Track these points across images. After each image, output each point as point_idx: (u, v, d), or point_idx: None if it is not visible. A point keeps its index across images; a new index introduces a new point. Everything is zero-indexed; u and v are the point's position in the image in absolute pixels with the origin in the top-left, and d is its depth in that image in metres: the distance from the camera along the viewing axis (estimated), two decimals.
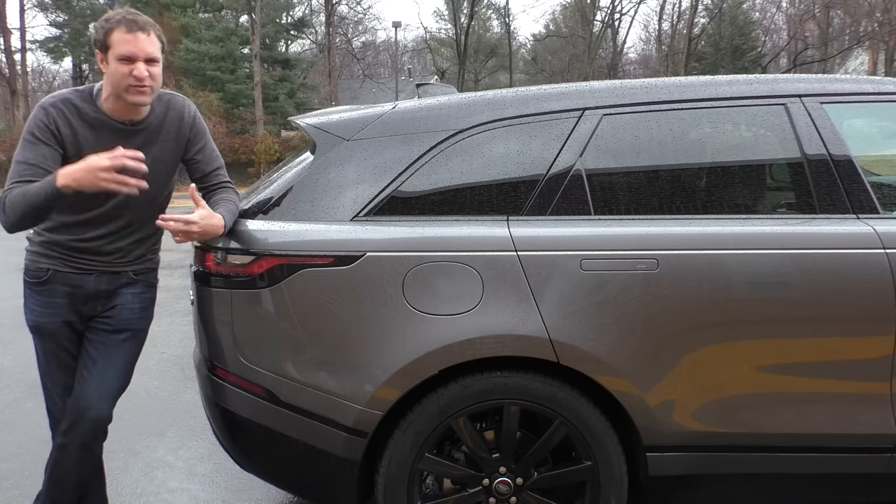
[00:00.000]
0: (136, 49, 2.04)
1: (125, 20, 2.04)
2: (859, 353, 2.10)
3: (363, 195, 2.17)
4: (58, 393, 2.29)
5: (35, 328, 2.26)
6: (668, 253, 2.07)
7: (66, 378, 2.27)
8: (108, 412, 2.24)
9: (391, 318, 2.05)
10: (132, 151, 1.98)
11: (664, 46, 42.66)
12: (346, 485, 2.14)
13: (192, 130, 2.28)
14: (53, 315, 2.22)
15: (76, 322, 2.25)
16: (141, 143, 2.17)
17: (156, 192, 2.23)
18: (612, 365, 2.06)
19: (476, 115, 2.25)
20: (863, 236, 2.11)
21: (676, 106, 2.25)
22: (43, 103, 2.12)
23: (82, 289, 2.22)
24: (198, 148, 2.30)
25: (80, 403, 2.21)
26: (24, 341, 5.22)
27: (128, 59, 2.04)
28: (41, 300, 2.23)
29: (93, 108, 2.13)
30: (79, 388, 2.23)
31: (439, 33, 49.54)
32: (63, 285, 2.21)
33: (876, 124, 2.61)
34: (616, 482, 2.14)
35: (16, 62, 31.01)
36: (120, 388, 2.28)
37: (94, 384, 2.22)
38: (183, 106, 2.29)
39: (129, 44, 2.03)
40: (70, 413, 2.23)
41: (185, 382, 4.18)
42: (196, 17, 30.87)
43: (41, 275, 2.22)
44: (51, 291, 2.22)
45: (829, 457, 2.14)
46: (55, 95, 2.15)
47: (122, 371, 2.28)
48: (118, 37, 2.04)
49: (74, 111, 2.11)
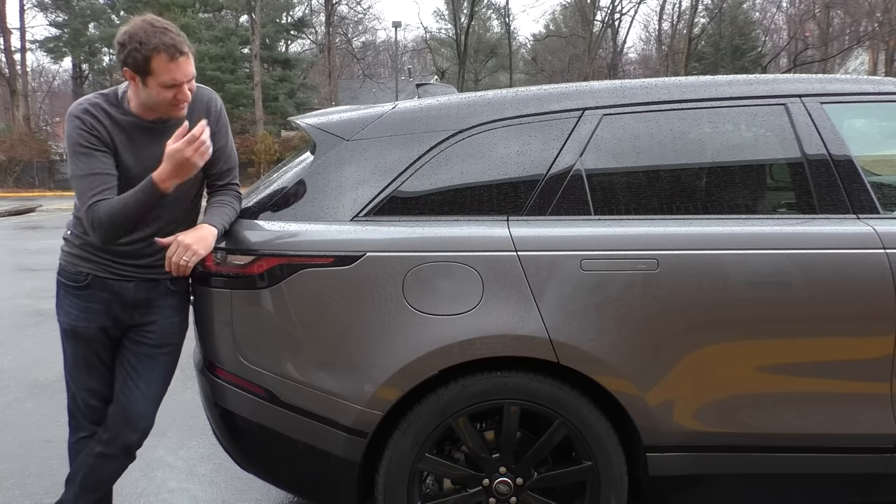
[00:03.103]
0: (181, 75, 2.02)
1: (165, 46, 1.98)
2: (859, 354, 2.10)
3: (363, 195, 2.17)
4: (82, 396, 2.29)
5: (71, 331, 2.23)
6: (669, 253, 2.07)
7: (92, 382, 2.27)
8: (153, 421, 2.30)
9: (391, 319, 2.05)
10: (198, 126, 2.01)
11: (664, 46, 42.68)
12: (347, 485, 2.14)
13: (217, 124, 2.25)
14: (90, 320, 2.20)
15: (111, 328, 2.23)
16: (169, 140, 2.13)
17: (189, 187, 2.21)
18: (612, 365, 2.06)
19: (476, 115, 2.24)
20: (863, 236, 2.11)
21: (676, 106, 2.25)
22: (74, 112, 2.08)
23: (121, 296, 2.20)
24: (220, 144, 2.25)
25: (129, 414, 2.23)
26: (24, 341, 5.25)
27: (173, 86, 2.03)
28: (79, 304, 2.20)
29: (120, 111, 2.12)
30: (125, 399, 2.24)
31: (439, 33, 49.62)
32: (103, 291, 2.19)
33: (876, 124, 2.61)
34: (616, 482, 2.14)
35: (16, 62, 31.06)
36: (162, 396, 2.33)
37: (142, 396, 2.24)
38: (210, 99, 2.26)
39: (174, 72, 2.00)
40: (114, 423, 2.24)
41: (185, 382, 4.18)
42: (196, 17, 30.89)
43: (80, 279, 2.19)
44: (90, 296, 2.20)
45: (829, 457, 2.14)
46: (83, 101, 2.13)
47: (165, 381, 2.32)
48: (161, 65, 1.99)
49: (105, 114, 2.10)
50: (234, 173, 2.32)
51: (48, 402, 3.92)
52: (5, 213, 16.94)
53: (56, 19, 36.52)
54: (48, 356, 4.77)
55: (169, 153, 2.00)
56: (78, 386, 2.28)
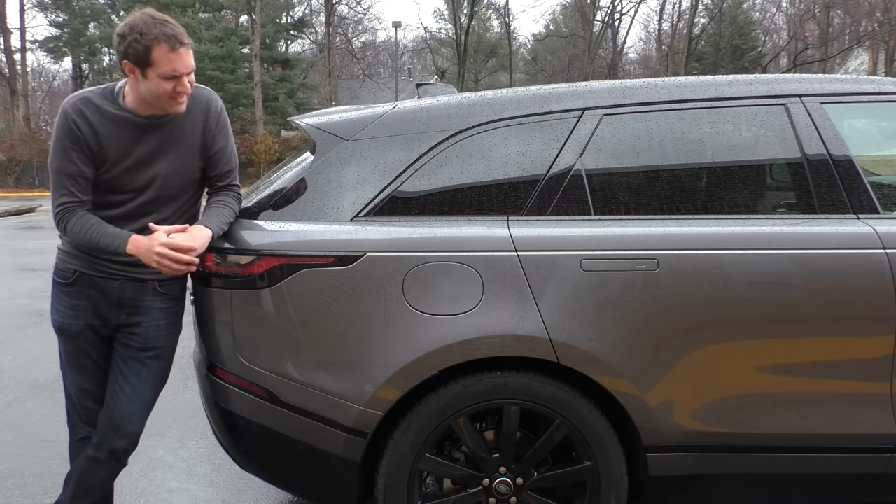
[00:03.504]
0: (182, 66, 2.02)
1: (166, 36, 1.99)
2: (859, 354, 2.10)
3: (363, 195, 2.16)
4: (76, 396, 2.28)
5: (59, 328, 2.24)
6: (669, 253, 2.07)
7: (85, 382, 2.27)
8: (141, 427, 2.26)
9: (391, 319, 2.05)
10: (179, 239, 2.04)
11: (664, 46, 42.67)
12: (347, 485, 2.14)
13: (217, 125, 2.24)
14: (77, 317, 2.20)
15: (99, 326, 2.22)
16: (165, 136, 2.15)
17: (183, 187, 2.22)
18: (612, 365, 2.06)
19: (476, 115, 2.24)
20: (863, 236, 2.11)
21: (676, 106, 2.25)
22: (64, 105, 2.11)
23: (107, 294, 2.20)
24: (220, 146, 2.25)
25: (115, 418, 2.22)
26: (24, 341, 5.25)
27: (173, 77, 2.03)
28: (67, 301, 2.21)
29: (114, 105, 2.12)
30: (112, 403, 2.23)
31: (439, 33, 49.59)
32: (88, 288, 2.19)
33: (876, 124, 2.61)
34: (616, 482, 2.14)
35: (16, 62, 31.05)
36: (152, 401, 2.29)
37: (127, 400, 2.22)
38: (209, 99, 2.24)
39: (174, 62, 2.01)
40: (103, 426, 2.23)
41: (185, 382, 4.18)
42: (196, 17, 30.86)
43: (69, 276, 2.20)
44: (77, 294, 2.20)
45: (829, 457, 2.14)
46: (75, 96, 2.14)
47: (154, 386, 2.28)
48: (162, 56, 1.99)
49: (94, 109, 2.10)
50: (234, 174, 2.31)
51: (48, 402, 3.92)
52: (5, 213, 16.94)
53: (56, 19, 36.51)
54: (48, 356, 4.76)
55: (148, 247, 2.03)
56: (72, 386, 2.28)
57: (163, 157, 2.16)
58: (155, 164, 2.15)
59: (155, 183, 2.16)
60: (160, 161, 2.15)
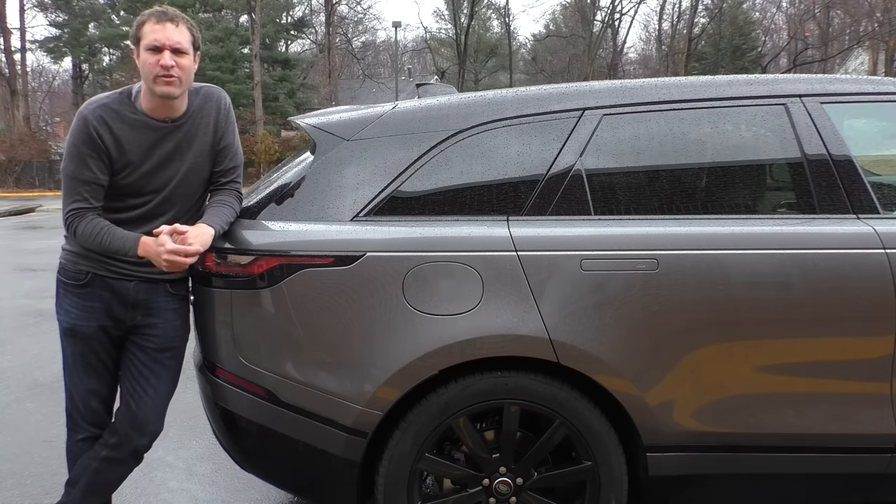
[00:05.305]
0: (164, 38, 2.06)
1: (156, 12, 2.09)
2: (859, 353, 2.10)
3: (363, 195, 2.16)
4: (81, 397, 2.28)
5: (70, 330, 2.23)
6: (669, 253, 2.07)
7: (92, 382, 2.27)
8: (162, 425, 2.31)
9: (391, 319, 2.05)
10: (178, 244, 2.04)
11: (664, 46, 42.67)
12: (346, 485, 2.14)
13: (227, 122, 2.28)
14: (90, 319, 2.20)
15: (111, 327, 2.23)
16: (182, 138, 2.18)
17: (197, 186, 2.24)
18: (612, 365, 2.06)
19: (476, 115, 2.24)
20: (863, 236, 2.11)
21: (676, 106, 2.25)
22: (83, 112, 2.12)
23: (121, 295, 2.20)
24: (227, 142, 2.27)
25: (139, 419, 2.24)
26: (24, 341, 5.25)
27: (155, 49, 2.06)
28: (78, 303, 2.20)
29: (131, 110, 2.14)
30: (134, 405, 2.24)
31: (439, 33, 49.62)
32: (103, 290, 2.19)
33: (876, 124, 2.61)
34: (616, 482, 2.14)
35: (16, 62, 31.06)
36: (170, 399, 2.33)
37: (150, 401, 2.25)
38: (220, 97, 2.29)
39: (156, 33, 2.06)
40: (123, 427, 2.25)
41: (185, 382, 4.15)
42: (196, 16, 30.86)
43: (81, 277, 2.20)
44: (90, 295, 2.20)
45: (829, 457, 2.14)
46: (94, 102, 2.15)
47: (172, 385, 2.33)
48: (148, 28, 2.08)
49: (114, 115, 2.12)
50: (238, 171, 2.33)
51: (48, 402, 3.92)
52: (5, 213, 16.94)
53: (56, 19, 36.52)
54: (48, 356, 4.77)
55: (157, 251, 2.05)
56: (77, 387, 2.27)
57: (179, 158, 2.18)
58: (173, 165, 2.18)
59: (172, 183, 2.19)
60: (177, 162, 2.18)
